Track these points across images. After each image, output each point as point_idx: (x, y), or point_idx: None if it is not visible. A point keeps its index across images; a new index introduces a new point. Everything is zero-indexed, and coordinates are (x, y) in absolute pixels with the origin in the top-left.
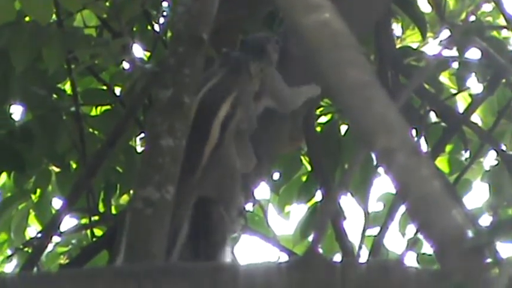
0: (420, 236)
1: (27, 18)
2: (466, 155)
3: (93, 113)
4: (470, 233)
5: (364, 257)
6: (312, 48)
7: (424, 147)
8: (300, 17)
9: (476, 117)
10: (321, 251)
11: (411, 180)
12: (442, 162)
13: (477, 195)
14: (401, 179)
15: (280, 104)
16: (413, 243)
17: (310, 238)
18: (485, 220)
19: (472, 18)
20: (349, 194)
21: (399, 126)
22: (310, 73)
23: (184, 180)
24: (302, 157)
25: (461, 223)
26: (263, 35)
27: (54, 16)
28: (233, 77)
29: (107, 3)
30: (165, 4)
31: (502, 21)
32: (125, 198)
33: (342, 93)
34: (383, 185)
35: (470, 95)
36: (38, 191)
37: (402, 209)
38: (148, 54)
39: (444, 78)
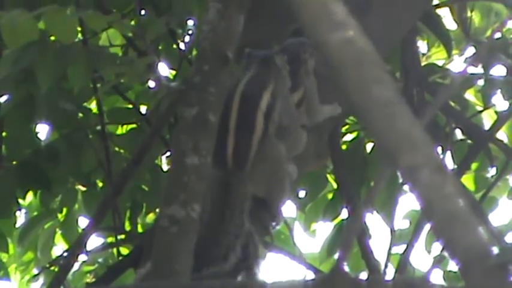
0: (446, 253)
1: (52, 37)
2: (492, 172)
3: (119, 131)
4: (494, 251)
5: (390, 274)
6: (336, 66)
7: (449, 164)
8: (325, 35)
9: (502, 135)
10: (346, 268)
11: (435, 198)
12: (468, 180)
13: (503, 212)
14: (426, 196)
15: (309, 114)
16: (439, 261)
17: (336, 256)
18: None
19: (498, 35)
20: (374, 212)
21: (424, 144)
22: (334, 91)
23: (238, 174)
24: (328, 175)
25: (486, 240)
26: (299, 39)
27: (79, 35)
28: (265, 70)
29: (132, 22)
30: (190, 23)
31: None
32: (151, 217)
33: (366, 111)
34: (409, 202)
35: (495, 112)
36: (64, 209)
37: (428, 226)
38: (173, 72)
39: (470, 95)
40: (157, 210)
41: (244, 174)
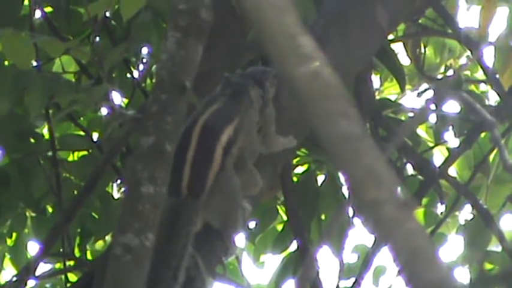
0: None
1: (6, 62)
2: (441, 208)
3: (70, 158)
4: (455, 286)
5: None
6: (303, 99)
7: None
8: (292, 68)
9: (452, 171)
10: None
11: (399, 233)
12: (417, 215)
13: (451, 249)
14: (389, 232)
15: (266, 143)
16: None
17: None
18: (460, 273)
19: (451, 72)
20: (324, 244)
21: (388, 179)
22: (297, 121)
23: (190, 202)
24: (278, 206)
25: (449, 277)
26: (262, 68)
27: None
28: (235, 102)
29: (88, 49)
30: (144, 51)
31: (479, 75)
32: (100, 244)
33: (332, 144)
34: (357, 236)
35: (447, 148)
36: (14, 234)
37: (376, 261)
38: (126, 101)
39: (421, 131)
40: (106, 237)
41: (197, 204)
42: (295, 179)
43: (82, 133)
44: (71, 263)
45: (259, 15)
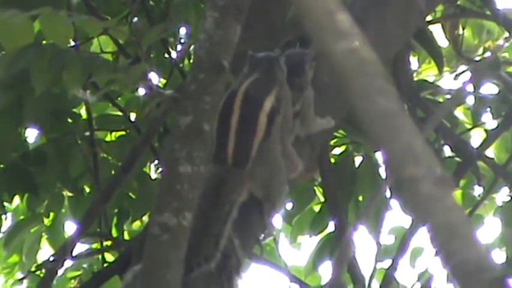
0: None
1: (44, 42)
2: (479, 190)
3: (108, 138)
4: (494, 264)
5: None
6: (340, 76)
7: None
8: (330, 44)
9: (490, 153)
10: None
11: (436, 210)
12: (455, 194)
13: (489, 231)
14: (427, 208)
15: (304, 125)
16: (423, 277)
17: (321, 269)
18: (497, 255)
19: (489, 54)
20: (361, 226)
21: (426, 156)
22: (335, 101)
23: (235, 171)
24: (315, 188)
25: (485, 254)
26: (300, 50)
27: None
28: (270, 74)
29: (126, 29)
30: (182, 32)
31: None
32: (137, 224)
33: (370, 121)
34: (394, 218)
35: (485, 130)
36: (51, 214)
37: (413, 242)
38: (164, 81)
39: (459, 113)
40: (143, 218)
41: (242, 172)
42: (332, 160)
43: (120, 113)
44: (108, 243)
45: None
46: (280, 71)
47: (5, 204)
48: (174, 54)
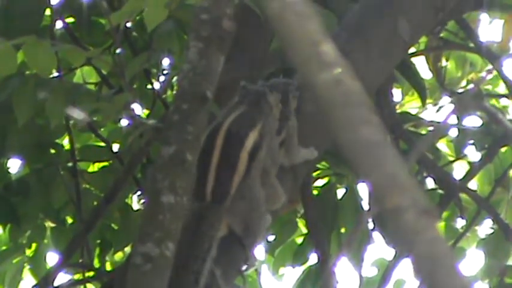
0: None
1: (27, 72)
2: (461, 223)
3: (91, 169)
4: None
5: None
6: (325, 106)
7: None
8: (314, 74)
9: (473, 186)
10: None
11: (420, 241)
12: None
13: (471, 263)
14: (411, 239)
15: (288, 155)
16: None
17: None
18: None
19: (472, 86)
20: (343, 258)
21: (410, 186)
22: (319, 132)
23: (214, 208)
24: (298, 220)
25: (468, 285)
26: (284, 80)
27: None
28: (256, 108)
29: (109, 59)
30: (165, 63)
31: (501, 89)
32: (119, 255)
33: (353, 151)
34: (377, 250)
35: (468, 162)
36: (33, 245)
37: (396, 274)
38: (146, 112)
39: (442, 145)
40: (126, 249)
41: (221, 209)
42: (315, 192)
43: (102, 144)
44: (90, 273)
45: (282, 22)
46: (266, 104)
47: None
48: (156, 86)
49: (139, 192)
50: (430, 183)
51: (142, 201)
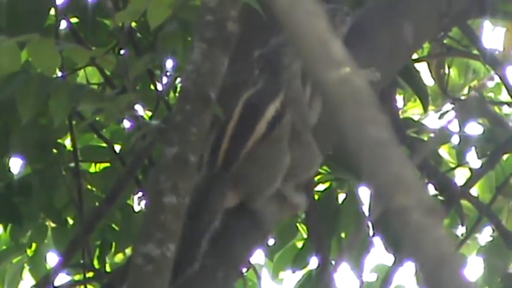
0: None
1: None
2: (462, 230)
3: (92, 169)
4: None
5: None
6: (333, 105)
7: None
8: (323, 73)
9: (474, 192)
10: None
11: (425, 241)
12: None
13: (471, 271)
14: (415, 238)
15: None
16: None
17: None
18: None
19: (474, 93)
20: (343, 263)
21: (416, 186)
22: (321, 136)
23: (222, 174)
24: (298, 224)
25: (474, 286)
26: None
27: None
28: (276, 78)
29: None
30: (168, 64)
31: (503, 97)
32: (119, 257)
33: (360, 150)
34: (377, 255)
35: (470, 169)
36: (34, 245)
37: (396, 280)
38: (149, 113)
39: (444, 152)
40: (126, 250)
41: (227, 176)
42: (316, 196)
43: (104, 145)
44: (90, 274)
45: (290, 19)
46: (285, 70)
47: None
48: (160, 87)
49: (140, 194)
50: (431, 189)
51: (143, 202)
